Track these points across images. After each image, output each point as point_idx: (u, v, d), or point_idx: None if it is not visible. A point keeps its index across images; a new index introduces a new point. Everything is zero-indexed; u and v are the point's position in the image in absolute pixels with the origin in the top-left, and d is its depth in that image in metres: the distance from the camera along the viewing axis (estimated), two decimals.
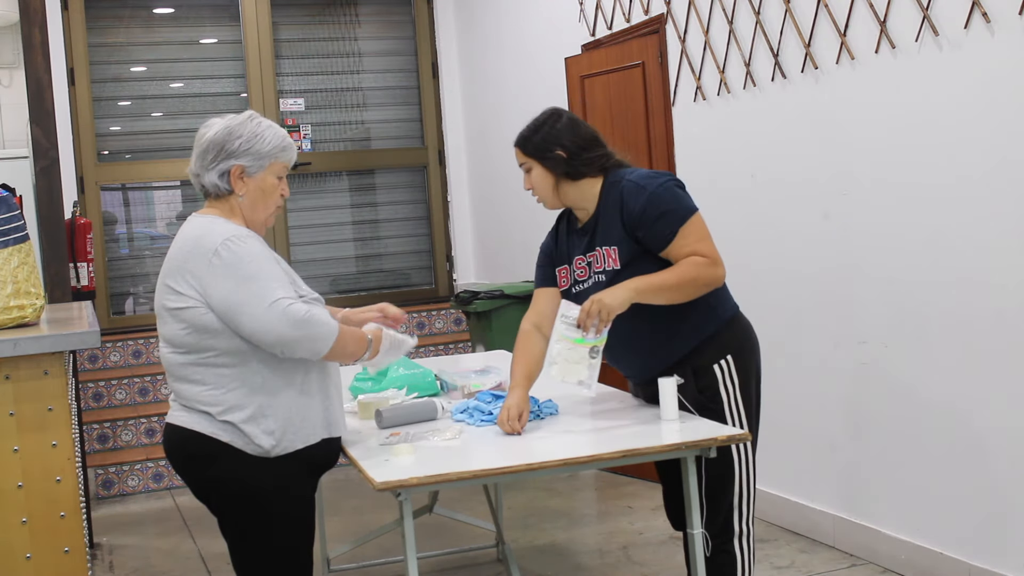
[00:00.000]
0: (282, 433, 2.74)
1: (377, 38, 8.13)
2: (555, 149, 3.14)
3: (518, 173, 7.94)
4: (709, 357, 3.10)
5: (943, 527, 3.90)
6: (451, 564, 4.69)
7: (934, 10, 3.72)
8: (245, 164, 2.81)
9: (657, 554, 4.59)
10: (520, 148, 3.23)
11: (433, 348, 7.37)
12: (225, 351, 2.72)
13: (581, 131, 3.18)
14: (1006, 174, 3.52)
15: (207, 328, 2.70)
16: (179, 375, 2.78)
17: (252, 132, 2.82)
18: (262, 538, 2.80)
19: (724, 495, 3.12)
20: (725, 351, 3.11)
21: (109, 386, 6.81)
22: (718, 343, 3.11)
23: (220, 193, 2.84)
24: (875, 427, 4.20)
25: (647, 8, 5.42)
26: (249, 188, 2.83)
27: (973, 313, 3.70)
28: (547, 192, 3.19)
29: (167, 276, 2.76)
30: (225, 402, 2.73)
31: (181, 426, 2.78)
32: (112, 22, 7.50)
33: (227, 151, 2.80)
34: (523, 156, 3.21)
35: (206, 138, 2.83)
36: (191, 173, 2.87)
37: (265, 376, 2.74)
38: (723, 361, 3.10)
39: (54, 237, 4.94)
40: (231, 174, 2.81)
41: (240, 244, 2.70)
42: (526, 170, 3.22)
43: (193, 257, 2.71)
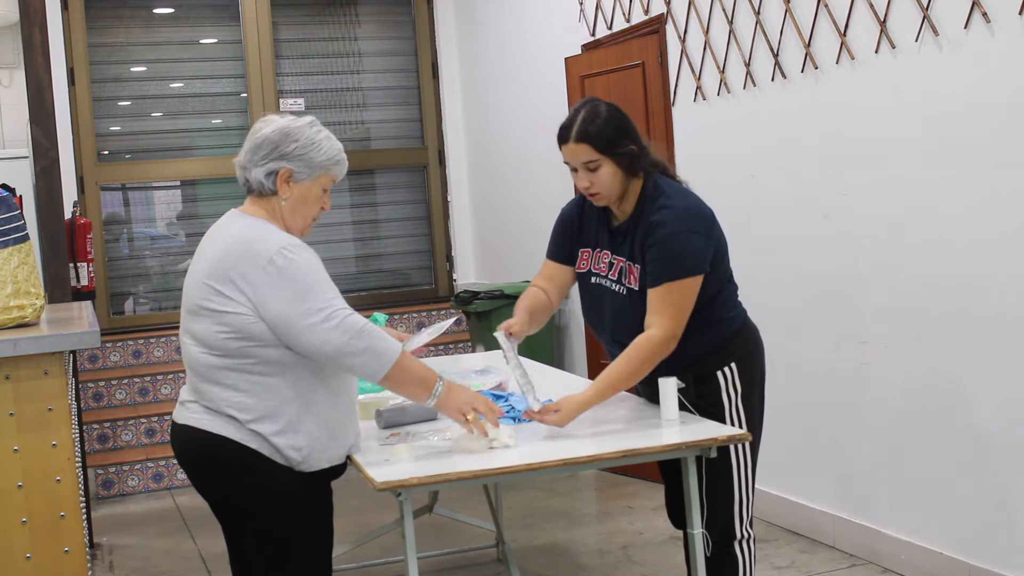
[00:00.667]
0: (309, 451, 2.68)
1: (377, 38, 8.13)
2: (628, 144, 2.98)
3: (518, 172, 7.91)
4: (713, 364, 3.08)
5: (943, 527, 3.90)
6: (451, 564, 4.69)
7: (934, 10, 3.72)
8: (295, 168, 2.75)
9: (657, 554, 4.59)
10: (591, 144, 2.97)
11: (433, 348, 7.36)
12: (266, 360, 2.64)
13: (632, 123, 3.05)
14: (1006, 174, 3.52)
15: (254, 336, 2.62)
16: (209, 377, 2.68)
17: (309, 139, 2.78)
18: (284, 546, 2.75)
19: (724, 498, 3.10)
20: (729, 359, 3.08)
21: (109, 386, 6.81)
22: (723, 351, 3.09)
23: (263, 192, 2.77)
24: (875, 427, 4.20)
25: (647, 8, 5.42)
26: (293, 193, 2.77)
27: (973, 313, 3.70)
28: (615, 190, 3.01)
29: (212, 277, 2.64)
30: (257, 410, 2.64)
31: (203, 429, 2.69)
32: (112, 22, 7.49)
33: (280, 152, 2.75)
34: (594, 153, 2.97)
35: (262, 134, 2.77)
36: (238, 165, 2.80)
37: (300, 390, 2.66)
38: (727, 368, 3.08)
39: (54, 237, 4.94)
40: (279, 175, 2.75)
41: (297, 254, 2.64)
42: (592, 168, 2.99)
43: (244, 262, 2.62)
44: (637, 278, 3.01)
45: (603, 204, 3.07)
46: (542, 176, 6.73)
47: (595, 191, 3.02)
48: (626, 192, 3.04)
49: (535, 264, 7.34)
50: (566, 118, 3.05)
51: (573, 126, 2.99)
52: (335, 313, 2.60)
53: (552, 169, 6.54)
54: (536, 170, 6.83)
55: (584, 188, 3.03)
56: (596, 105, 3.01)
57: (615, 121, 2.98)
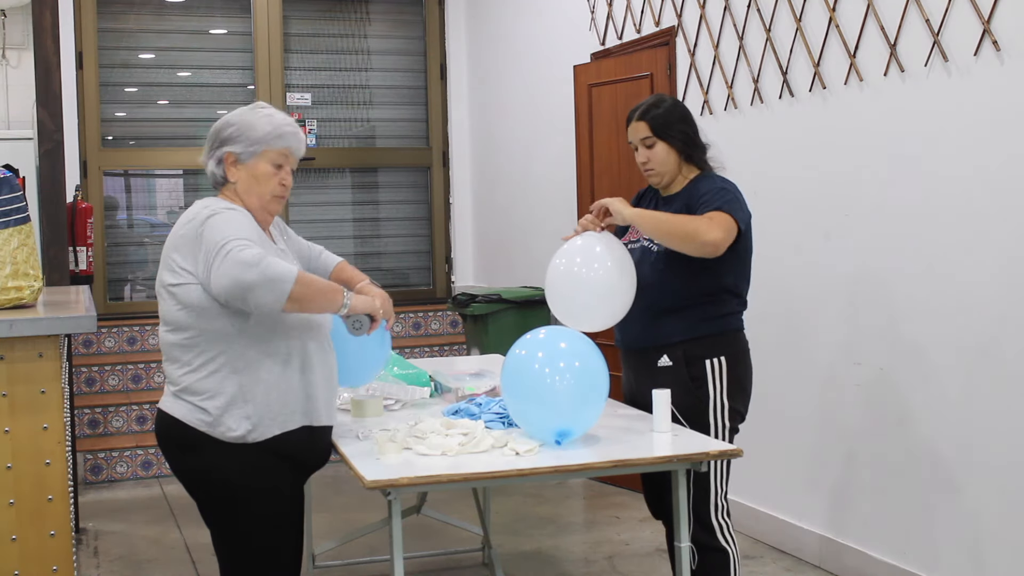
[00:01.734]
0: (259, 418, 2.72)
1: (387, 36, 8.14)
2: (683, 128, 3.32)
3: (521, 178, 7.94)
4: (703, 351, 3.24)
5: (929, 551, 3.90)
6: (436, 566, 4.68)
7: (944, 35, 3.72)
8: (236, 151, 2.83)
9: (642, 565, 4.59)
10: (647, 121, 3.32)
11: (428, 349, 7.36)
12: (210, 333, 2.71)
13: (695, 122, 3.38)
14: (1009, 203, 3.52)
15: (195, 305, 2.70)
16: (169, 355, 2.81)
17: (246, 121, 2.85)
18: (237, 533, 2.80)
19: (701, 499, 3.21)
20: (720, 352, 3.26)
21: (102, 371, 6.81)
22: (715, 343, 3.26)
23: (219, 181, 2.87)
24: (867, 449, 4.20)
25: (658, 20, 5.43)
26: (241, 175, 2.84)
27: (971, 341, 3.70)
28: (669, 167, 3.33)
29: (164, 254, 2.79)
30: (205, 388, 2.73)
31: (167, 412, 2.81)
32: (123, 8, 7.50)
33: (220, 138, 2.85)
34: (649, 130, 3.31)
35: (211, 128, 2.89)
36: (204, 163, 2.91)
37: (248, 360, 2.72)
38: (716, 359, 3.25)
39: (55, 220, 4.94)
40: (225, 161, 2.84)
41: (220, 213, 2.71)
42: (648, 145, 3.32)
43: (184, 237, 2.73)
44: None
45: (656, 182, 3.38)
46: (545, 181, 6.73)
47: (650, 167, 3.34)
48: (678, 177, 3.35)
49: (534, 269, 7.38)
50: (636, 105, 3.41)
51: (639, 108, 3.36)
52: (227, 245, 2.60)
53: (555, 175, 6.55)
54: (539, 175, 6.83)
55: (641, 164, 3.36)
56: (663, 96, 3.45)
57: (676, 111, 3.35)
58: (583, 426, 2.94)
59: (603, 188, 5.86)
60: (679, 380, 3.22)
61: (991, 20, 3.53)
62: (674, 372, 3.24)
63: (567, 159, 6.27)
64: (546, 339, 2.99)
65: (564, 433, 2.87)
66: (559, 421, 2.86)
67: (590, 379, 2.91)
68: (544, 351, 2.94)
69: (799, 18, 4.42)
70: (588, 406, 2.92)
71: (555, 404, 2.86)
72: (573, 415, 2.88)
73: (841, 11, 4.20)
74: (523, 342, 3.01)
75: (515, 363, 2.95)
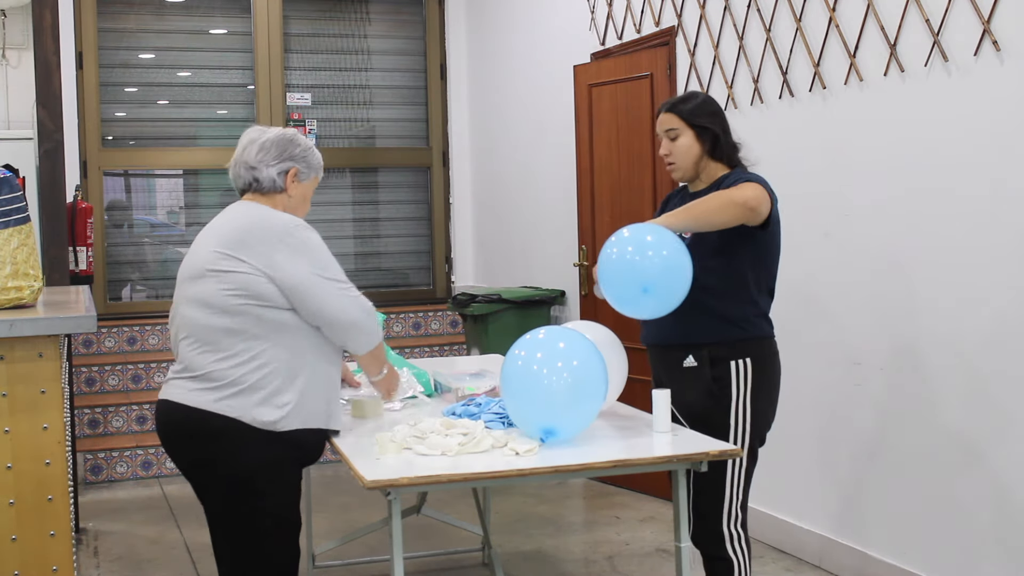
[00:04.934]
0: (291, 409, 2.83)
1: (387, 36, 8.14)
2: (710, 121, 3.26)
3: (521, 177, 7.93)
4: (728, 352, 3.17)
5: (929, 552, 3.90)
6: (437, 566, 4.68)
7: (944, 35, 3.72)
8: (301, 168, 3.05)
9: (643, 565, 4.59)
10: (674, 112, 3.28)
11: (428, 349, 7.37)
12: (264, 320, 2.82)
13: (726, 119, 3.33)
14: (1009, 203, 3.52)
15: (259, 295, 2.81)
16: (206, 339, 2.85)
17: (307, 145, 3.09)
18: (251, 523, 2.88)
19: (713, 505, 3.17)
20: (746, 355, 3.19)
21: (102, 372, 6.81)
22: (743, 347, 3.19)
23: (274, 189, 3.02)
24: (867, 449, 4.20)
25: (658, 20, 5.43)
26: (298, 191, 3.06)
27: (970, 339, 3.70)
28: (689, 161, 3.28)
29: (223, 245, 2.85)
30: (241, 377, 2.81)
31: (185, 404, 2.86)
32: (123, 8, 7.50)
33: (289, 153, 3.03)
34: (676, 121, 3.27)
35: (267, 137, 3.03)
36: (244, 164, 3.03)
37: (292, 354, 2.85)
38: (741, 361, 3.18)
39: (55, 220, 4.94)
40: (289, 173, 3.03)
41: (310, 231, 2.91)
42: (672, 138, 3.28)
43: (258, 231, 2.85)
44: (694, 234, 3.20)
45: (678, 176, 3.33)
46: (545, 181, 6.73)
47: (671, 159, 3.30)
48: (703, 172, 3.30)
49: (534, 269, 7.38)
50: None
51: (669, 101, 3.35)
52: (351, 289, 2.91)
53: (555, 175, 6.55)
54: (540, 176, 6.83)
55: (663, 155, 3.32)
56: (697, 92, 3.44)
57: (708, 106, 3.30)
58: (573, 426, 2.92)
59: (603, 188, 5.86)
60: (702, 381, 3.18)
61: (991, 20, 3.53)
62: (697, 372, 3.19)
63: (567, 159, 6.27)
64: (545, 339, 2.99)
65: (549, 431, 2.87)
66: (546, 418, 2.86)
67: (584, 380, 2.89)
68: (543, 351, 2.93)
69: (799, 18, 4.42)
70: (579, 406, 2.90)
71: (544, 401, 2.85)
72: (562, 414, 2.87)
73: (841, 11, 4.20)
74: (523, 341, 3.00)
75: (512, 360, 2.96)
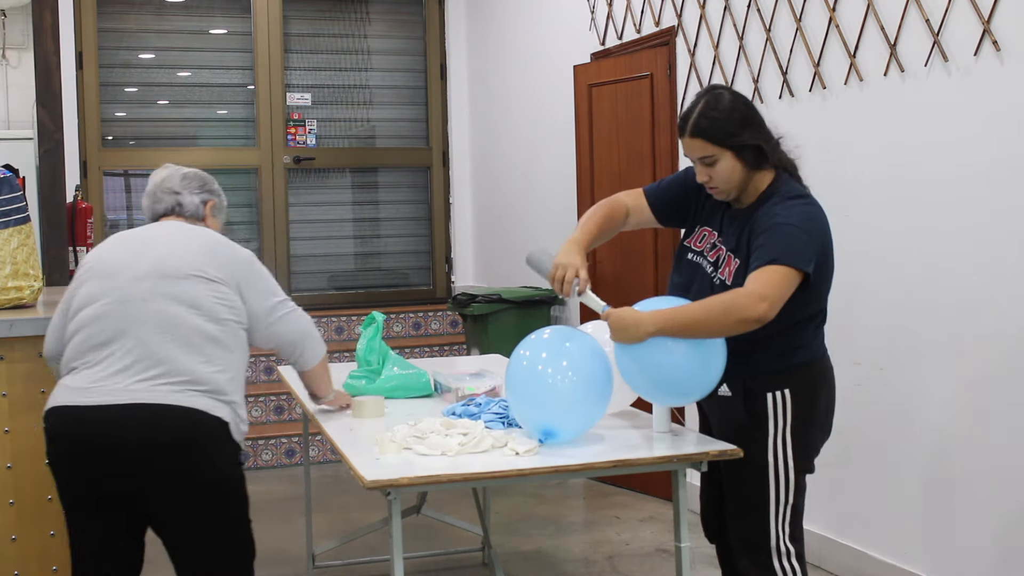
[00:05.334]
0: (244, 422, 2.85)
1: (387, 36, 8.13)
2: (749, 137, 2.83)
3: (521, 177, 7.92)
4: (765, 384, 2.87)
5: (929, 552, 3.90)
6: (436, 566, 4.68)
7: (944, 35, 3.72)
8: (218, 203, 3.11)
9: (643, 566, 4.59)
10: (706, 139, 2.81)
11: (428, 349, 7.36)
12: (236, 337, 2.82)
13: (758, 115, 2.88)
14: (1009, 203, 3.52)
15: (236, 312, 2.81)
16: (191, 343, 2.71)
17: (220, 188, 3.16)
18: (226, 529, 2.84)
19: (750, 528, 2.92)
20: (784, 385, 2.87)
21: None
22: (781, 378, 2.87)
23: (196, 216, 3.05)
24: (866, 449, 4.20)
25: (658, 20, 5.43)
26: (214, 224, 3.10)
27: (971, 340, 3.70)
28: (735, 183, 2.86)
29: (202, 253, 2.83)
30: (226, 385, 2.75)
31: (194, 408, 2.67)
32: (123, 8, 7.50)
33: (208, 187, 3.11)
34: (713, 147, 2.81)
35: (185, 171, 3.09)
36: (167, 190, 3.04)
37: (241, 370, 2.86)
38: (779, 393, 2.86)
39: (55, 220, 4.94)
40: (208, 204, 3.08)
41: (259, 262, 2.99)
42: (708, 163, 2.84)
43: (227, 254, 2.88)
44: (732, 272, 2.85)
45: (722, 198, 2.93)
46: (546, 182, 6.73)
47: (713, 184, 2.88)
48: (749, 186, 2.90)
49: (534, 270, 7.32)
50: (686, 108, 2.88)
51: (690, 118, 2.84)
52: (294, 307, 2.99)
53: (555, 175, 6.55)
54: (540, 176, 6.83)
55: (703, 182, 2.89)
56: (718, 95, 2.85)
57: (736, 113, 2.83)
58: (573, 427, 2.91)
59: (603, 188, 5.86)
60: (735, 414, 2.90)
61: (991, 20, 3.53)
62: (732, 404, 2.91)
63: (567, 159, 6.27)
64: (550, 339, 2.97)
65: (548, 433, 2.86)
66: (547, 419, 2.85)
67: (588, 382, 2.88)
68: (548, 350, 2.92)
69: (799, 18, 4.42)
70: (581, 408, 2.88)
71: (546, 401, 2.84)
72: (563, 415, 2.86)
73: (841, 11, 4.20)
74: (528, 341, 2.99)
75: (516, 359, 2.94)
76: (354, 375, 3.69)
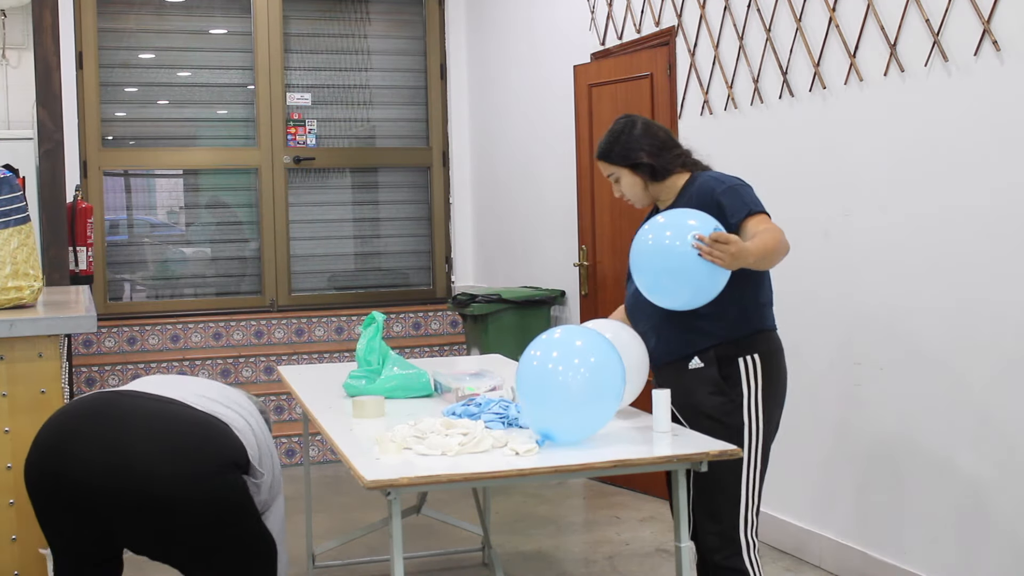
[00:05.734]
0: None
1: (387, 36, 8.13)
2: (638, 156, 3.28)
3: (521, 177, 7.91)
4: (736, 350, 3.16)
5: (928, 552, 3.90)
6: (437, 566, 4.68)
7: (944, 35, 3.72)
8: None
9: (643, 565, 4.59)
10: (605, 160, 3.35)
11: (428, 349, 7.37)
12: None
13: (658, 134, 3.34)
14: (1009, 203, 3.52)
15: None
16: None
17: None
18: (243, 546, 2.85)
19: (730, 506, 3.14)
20: (753, 350, 3.17)
21: (102, 371, 6.81)
22: (748, 342, 3.18)
23: None
24: (867, 449, 4.20)
25: (658, 20, 5.43)
26: None
27: (971, 340, 3.70)
28: (638, 195, 3.34)
29: None
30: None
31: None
32: (123, 8, 7.50)
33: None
34: (610, 167, 3.34)
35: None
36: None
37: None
38: (749, 358, 3.16)
39: (55, 220, 4.95)
40: None
41: None
42: (614, 180, 3.35)
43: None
44: None
45: (640, 206, 3.39)
46: (545, 181, 6.73)
47: (624, 197, 3.38)
48: (660, 193, 3.33)
49: (534, 269, 7.37)
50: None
51: (599, 148, 3.38)
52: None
53: (555, 175, 6.55)
54: (540, 176, 6.83)
55: (617, 196, 3.40)
56: (623, 123, 3.37)
57: (632, 138, 3.31)
58: (578, 430, 2.90)
59: (603, 188, 5.86)
60: (711, 380, 3.15)
61: (991, 20, 3.53)
62: (705, 373, 3.16)
63: (567, 159, 6.27)
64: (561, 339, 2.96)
65: (546, 435, 2.86)
66: (552, 421, 2.85)
67: (599, 384, 2.87)
68: (558, 350, 2.91)
69: (799, 18, 4.43)
70: (588, 410, 2.88)
71: (554, 403, 2.84)
72: (569, 417, 2.86)
73: (841, 11, 4.20)
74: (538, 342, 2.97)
75: (527, 360, 2.93)
76: (354, 375, 3.69)
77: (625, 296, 3.41)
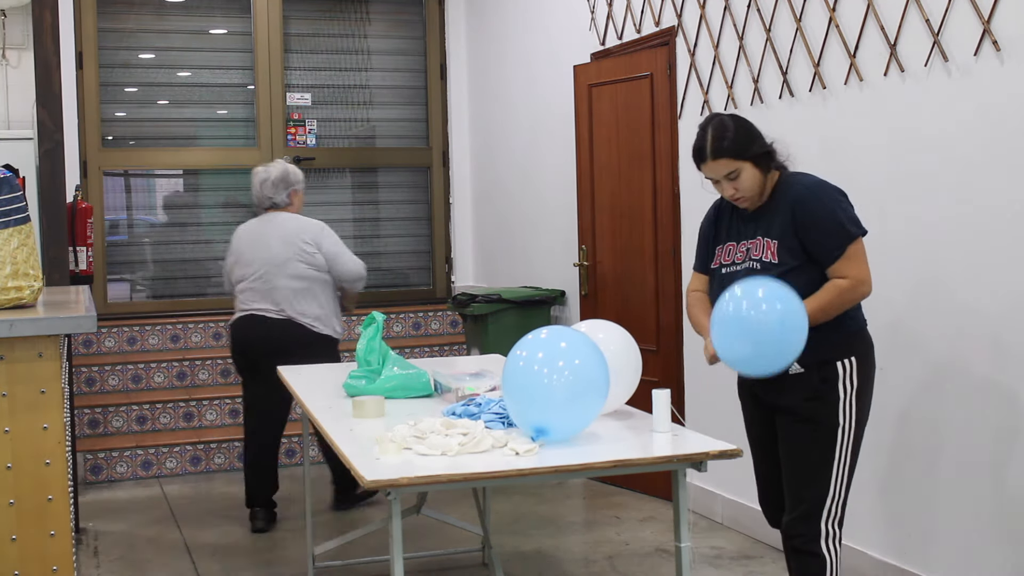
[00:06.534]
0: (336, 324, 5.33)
1: (386, 36, 8.13)
2: (761, 145, 3.25)
3: (521, 177, 7.90)
4: (833, 352, 3.18)
5: (929, 552, 3.90)
6: (436, 566, 4.68)
7: (944, 35, 3.72)
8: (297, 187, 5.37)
9: (643, 565, 4.59)
10: (731, 157, 3.22)
11: (428, 349, 7.37)
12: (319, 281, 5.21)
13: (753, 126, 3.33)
14: (1009, 203, 3.52)
15: (318, 266, 5.20)
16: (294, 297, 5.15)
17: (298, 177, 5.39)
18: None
19: (811, 486, 3.20)
20: (850, 352, 3.20)
21: (102, 372, 6.81)
22: (845, 345, 3.20)
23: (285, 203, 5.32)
24: (866, 449, 4.18)
25: (658, 20, 5.43)
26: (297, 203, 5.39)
27: (971, 340, 3.70)
28: (757, 190, 3.27)
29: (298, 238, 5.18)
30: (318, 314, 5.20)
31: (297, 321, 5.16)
32: (123, 8, 7.50)
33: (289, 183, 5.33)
34: (733, 163, 3.22)
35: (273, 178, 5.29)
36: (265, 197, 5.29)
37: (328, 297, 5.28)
38: (847, 360, 3.19)
39: (55, 220, 4.94)
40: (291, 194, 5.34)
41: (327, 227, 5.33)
42: (732, 178, 3.24)
43: (307, 230, 5.24)
44: (775, 252, 3.21)
45: (748, 206, 3.30)
46: (545, 181, 6.73)
47: (739, 195, 3.27)
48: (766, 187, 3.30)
49: (534, 269, 7.37)
50: (697, 140, 3.29)
51: (707, 146, 3.25)
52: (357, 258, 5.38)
53: (555, 175, 6.55)
54: (540, 176, 6.83)
55: (730, 196, 3.28)
56: (722, 120, 3.29)
57: (743, 130, 3.26)
58: (568, 426, 2.92)
59: (603, 188, 5.86)
60: (809, 385, 3.18)
61: (991, 20, 3.54)
62: (805, 378, 3.18)
63: (567, 159, 6.27)
64: (547, 338, 2.98)
65: (541, 431, 2.87)
66: (539, 417, 2.86)
67: (582, 380, 2.88)
68: (544, 350, 2.93)
69: (799, 18, 4.43)
70: (575, 407, 2.89)
71: (538, 399, 2.85)
72: (558, 412, 2.86)
73: (841, 11, 4.20)
74: (524, 341, 3.00)
75: (513, 359, 2.95)
76: (354, 375, 3.69)
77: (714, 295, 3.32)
